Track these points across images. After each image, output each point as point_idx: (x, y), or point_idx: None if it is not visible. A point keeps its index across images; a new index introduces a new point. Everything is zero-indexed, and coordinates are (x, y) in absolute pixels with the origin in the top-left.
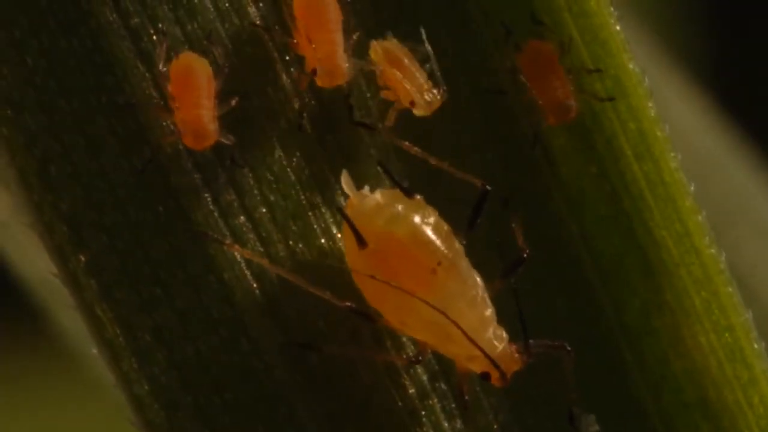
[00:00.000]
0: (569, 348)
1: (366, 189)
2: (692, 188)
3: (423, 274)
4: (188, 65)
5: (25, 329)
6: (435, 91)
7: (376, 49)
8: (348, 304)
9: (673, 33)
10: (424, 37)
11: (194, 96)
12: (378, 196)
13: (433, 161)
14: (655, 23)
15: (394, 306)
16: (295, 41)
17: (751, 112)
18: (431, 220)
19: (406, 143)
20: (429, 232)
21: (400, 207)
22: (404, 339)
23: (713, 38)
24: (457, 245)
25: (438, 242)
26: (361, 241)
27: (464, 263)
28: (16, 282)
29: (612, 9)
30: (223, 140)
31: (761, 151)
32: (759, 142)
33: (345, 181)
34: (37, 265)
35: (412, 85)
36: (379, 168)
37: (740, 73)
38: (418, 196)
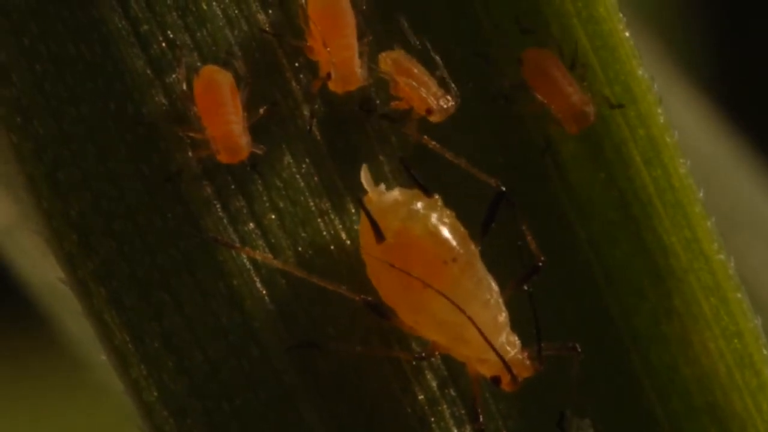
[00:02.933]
0: (579, 349)
1: (382, 186)
2: (701, 194)
3: (438, 271)
4: (211, 80)
5: (30, 334)
6: (448, 96)
7: (386, 60)
8: (362, 296)
9: (678, 40)
10: (429, 46)
11: (222, 112)
12: (396, 193)
13: (449, 156)
14: (659, 30)
15: (408, 304)
16: (308, 45)
17: (755, 119)
18: (448, 220)
19: (430, 141)
20: (445, 231)
21: (418, 205)
22: (413, 344)
23: (717, 44)
24: (473, 248)
25: (454, 242)
26: (379, 235)
27: (480, 266)
28: (22, 288)
29: (621, 15)
30: (256, 150)
31: (766, 158)
32: (763, 148)
33: (365, 176)
34: (43, 271)
35: (427, 92)
36: (400, 165)
37: (745, 80)
38: (437, 196)
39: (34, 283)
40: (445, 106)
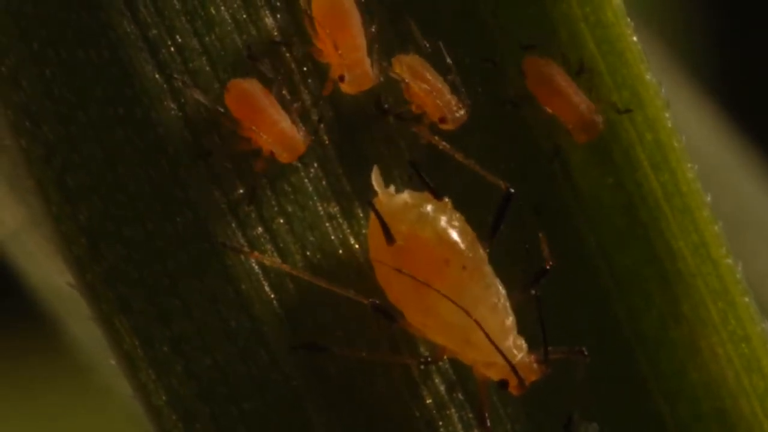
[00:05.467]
0: (587, 353)
1: (392, 189)
2: (709, 199)
3: (446, 275)
4: (241, 90)
5: (36, 338)
6: (461, 104)
7: (400, 64)
8: (371, 300)
9: (679, 40)
10: (443, 50)
11: (266, 115)
12: (406, 195)
13: (458, 156)
14: (659, 31)
15: (417, 307)
16: (317, 48)
17: (756, 119)
18: (457, 224)
19: (441, 141)
20: (454, 234)
21: (428, 208)
22: (421, 348)
23: (718, 45)
24: (482, 252)
25: (463, 246)
26: (389, 237)
27: (488, 270)
28: (29, 291)
29: (629, 20)
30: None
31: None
32: (765, 149)
33: (375, 178)
34: (51, 275)
35: (441, 100)
36: (410, 169)
37: (750, 83)
38: (446, 199)
39: (42, 286)
40: (457, 115)
